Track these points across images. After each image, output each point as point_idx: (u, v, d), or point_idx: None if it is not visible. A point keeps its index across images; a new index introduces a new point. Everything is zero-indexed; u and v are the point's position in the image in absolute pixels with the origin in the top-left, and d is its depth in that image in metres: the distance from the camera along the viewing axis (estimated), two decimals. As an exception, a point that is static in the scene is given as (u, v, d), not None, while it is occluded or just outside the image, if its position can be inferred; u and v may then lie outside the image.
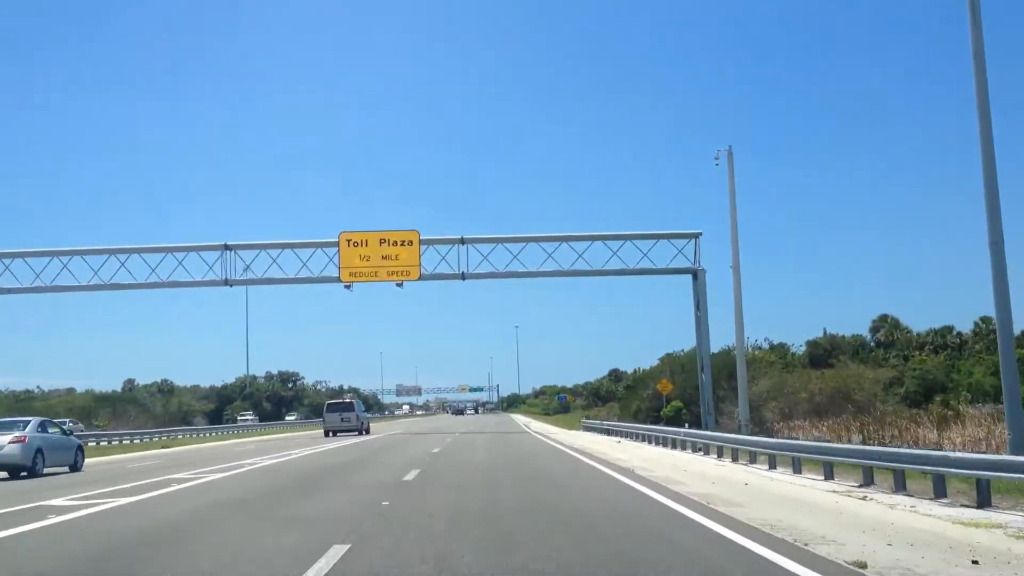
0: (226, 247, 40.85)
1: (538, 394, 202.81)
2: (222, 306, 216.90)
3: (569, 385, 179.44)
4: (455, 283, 43.56)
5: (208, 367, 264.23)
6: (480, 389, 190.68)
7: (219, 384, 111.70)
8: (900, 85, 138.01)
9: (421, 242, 40.60)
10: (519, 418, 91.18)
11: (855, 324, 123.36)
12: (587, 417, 57.42)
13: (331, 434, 46.01)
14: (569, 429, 51.29)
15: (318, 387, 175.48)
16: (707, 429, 32.69)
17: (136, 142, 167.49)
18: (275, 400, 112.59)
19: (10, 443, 21.37)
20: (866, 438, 26.71)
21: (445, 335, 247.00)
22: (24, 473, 21.50)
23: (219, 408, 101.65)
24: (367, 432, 48.06)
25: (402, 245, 40.12)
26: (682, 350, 52.97)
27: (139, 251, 41.13)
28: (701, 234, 40.72)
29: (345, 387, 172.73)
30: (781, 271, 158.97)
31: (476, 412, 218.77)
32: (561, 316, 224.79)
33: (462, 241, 41.21)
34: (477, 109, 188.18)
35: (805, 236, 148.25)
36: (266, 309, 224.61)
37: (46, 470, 22.19)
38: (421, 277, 40.55)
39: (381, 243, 40.07)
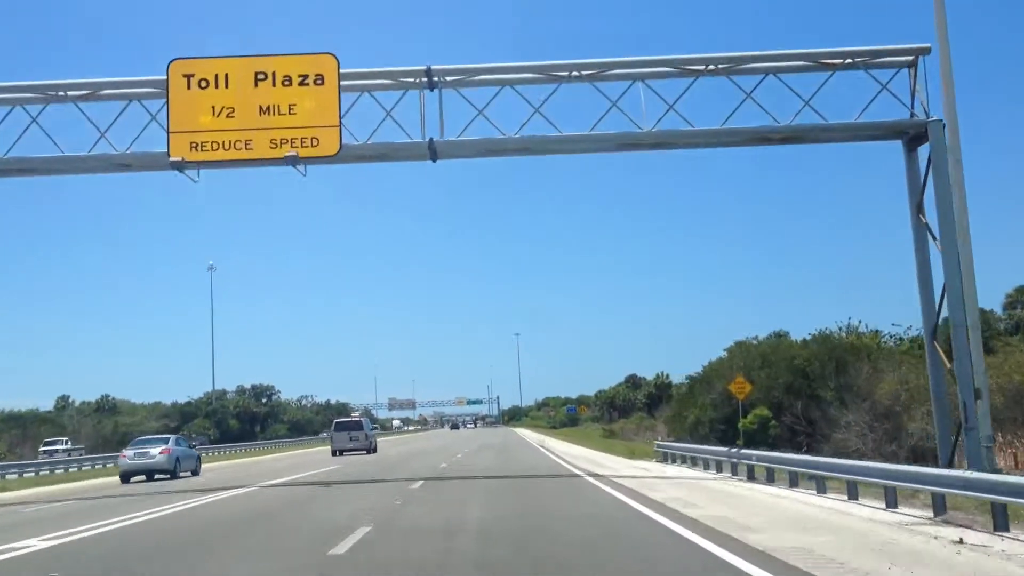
0: None
1: (541, 406, 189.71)
2: (188, 314, 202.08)
3: (573, 396, 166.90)
4: (416, 167, 26.54)
5: (176, 382, 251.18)
6: (479, 401, 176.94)
7: (183, 400, 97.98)
8: None
9: (343, 78, 20.99)
10: (527, 434, 77.26)
11: None
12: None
13: (338, 454, 42.84)
14: (612, 453, 36.05)
15: (303, 402, 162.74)
16: (978, 466, 16.41)
17: None
18: (246, 417, 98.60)
19: (159, 454, 29.43)
20: None
21: (440, 345, 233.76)
22: (167, 476, 29.16)
23: (179, 427, 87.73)
24: (375, 451, 44.54)
25: (302, 85, 20.76)
26: (755, 337, 39.37)
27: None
28: (928, 51, 20.07)
29: (332, 401, 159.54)
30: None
31: (475, 426, 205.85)
32: (566, 319, 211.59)
33: (429, 79, 21.14)
34: None
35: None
36: (240, 314, 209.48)
37: (180, 473, 29.78)
38: (342, 150, 20.83)
39: (258, 81, 20.74)
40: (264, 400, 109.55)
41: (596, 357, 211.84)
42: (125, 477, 29.05)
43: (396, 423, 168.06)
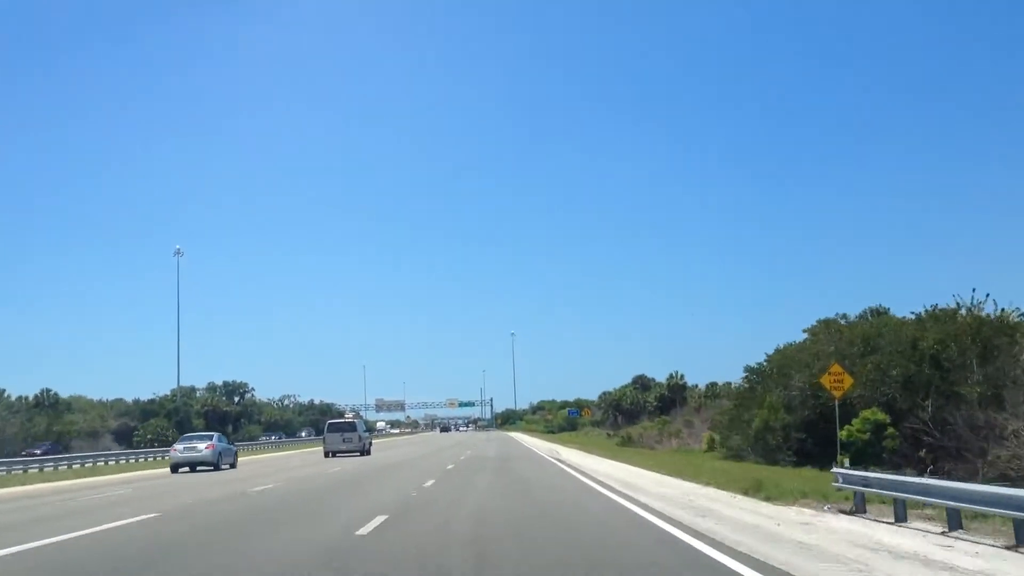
0: None
1: (536, 409, 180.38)
2: (162, 306, 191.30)
3: (570, 399, 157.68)
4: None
5: (145, 378, 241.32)
6: (471, 404, 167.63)
7: (146, 398, 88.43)
8: None
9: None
10: (529, 441, 67.46)
11: None
12: (840, 464, 17.93)
13: (331, 455, 42.76)
14: (671, 474, 23.74)
15: (285, 402, 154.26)
16: None
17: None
18: (215, 417, 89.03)
19: (205, 448, 33.25)
20: None
21: (432, 345, 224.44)
22: (211, 468, 32.64)
23: (135, 428, 78.30)
24: (368, 453, 44.30)
25: None
26: (842, 316, 30.23)
27: None
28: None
29: (316, 401, 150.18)
30: None
31: (467, 429, 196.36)
32: (562, 320, 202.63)
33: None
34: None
35: None
36: (217, 309, 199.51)
37: (221, 466, 33.46)
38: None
39: None
40: (237, 399, 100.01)
41: (593, 360, 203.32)
42: (174, 468, 32.78)
43: (381, 425, 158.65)
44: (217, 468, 32.55)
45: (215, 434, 37.52)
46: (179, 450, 33.64)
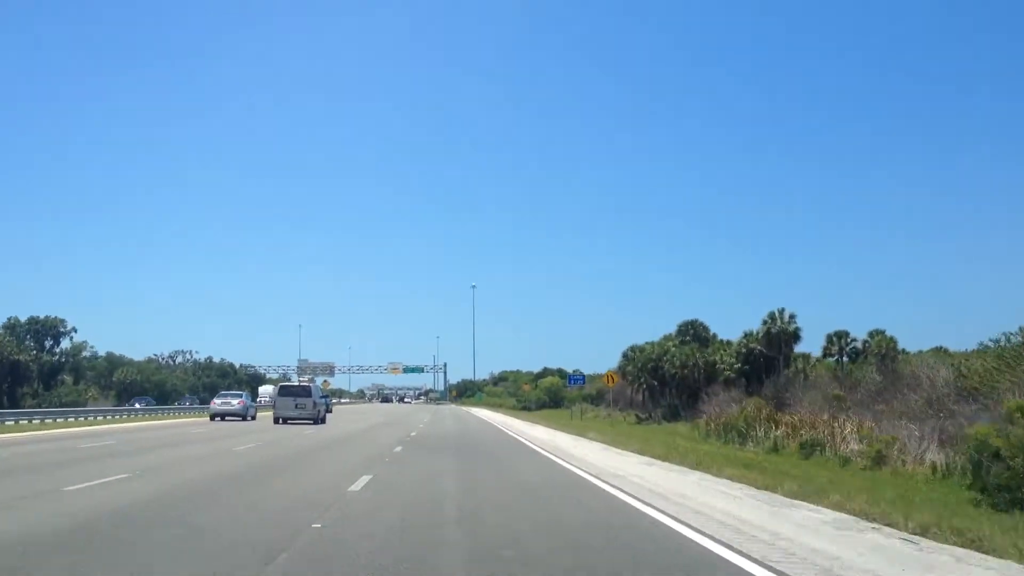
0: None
1: (498, 380, 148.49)
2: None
3: (531, 371, 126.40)
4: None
5: None
6: (419, 370, 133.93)
7: None
8: None
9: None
10: (497, 422, 36.89)
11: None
12: None
13: (281, 422, 39.54)
14: None
15: (178, 360, 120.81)
16: None
17: None
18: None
19: (237, 403, 45.78)
20: None
21: (378, 308, 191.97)
22: (240, 418, 43.58)
23: None
24: (323, 422, 41.30)
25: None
26: None
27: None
28: None
29: (217, 360, 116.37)
30: None
31: (414, 401, 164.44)
32: (531, 279, 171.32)
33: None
34: None
35: None
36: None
37: (248, 418, 44.26)
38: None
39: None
40: (51, 343, 65.50)
41: (564, 330, 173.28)
42: (212, 417, 44.63)
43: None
44: (245, 419, 44.58)
45: (243, 393, 52.86)
46: (217, 403, 46.49)
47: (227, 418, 42.97)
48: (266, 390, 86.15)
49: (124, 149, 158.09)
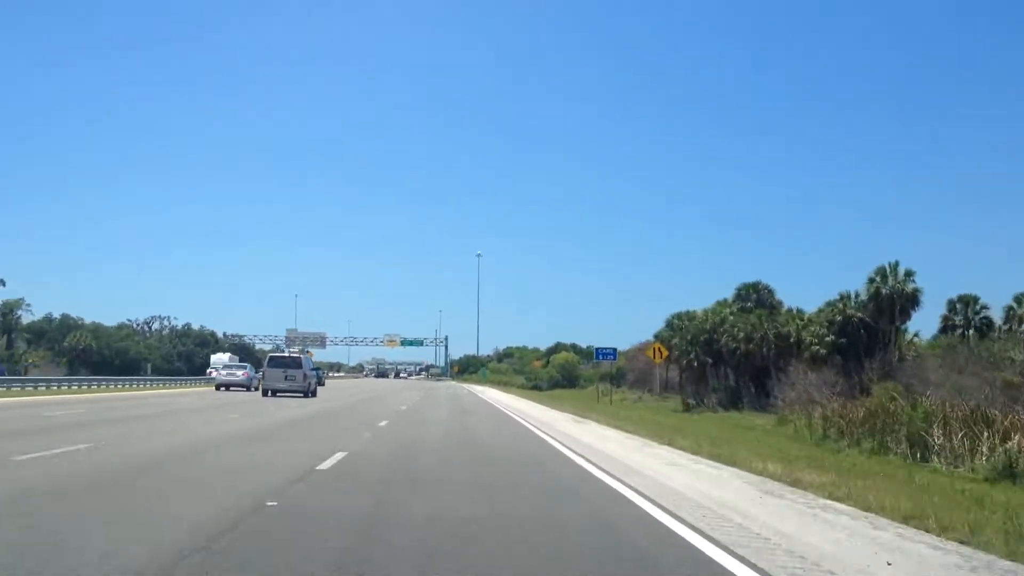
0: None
1: (502, 356, 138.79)
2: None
3: (538, 347, 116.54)
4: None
5: None
6: (418, 343, 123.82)
7: None
8: None
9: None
10: (509, 407, 26.25)
11: None
12: None
13: (270, 394, 38.33)
14: None
15: (152, 326, 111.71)
16: None
17: None
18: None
19: (241, 375, 49.80)
20: None
21: (380, 281, 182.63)
22: (244, 389, 46.24)
23: None
24: (314, 395, 40.46)
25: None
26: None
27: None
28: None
29: (195, 327, 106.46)
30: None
31: (412, 376, 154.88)
32: (535, 254, 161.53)
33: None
34: None
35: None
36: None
37: (252, 389, 45.59)
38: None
39: None
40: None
41: (578, 300, 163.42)
42: (218, 387, 47.80)
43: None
44: (248, 389, 46.62)
45: (247, 365, 57.52)
46: (222, 374, 52.19)
47: (231, 388, 46.73)
48: (219, 359, 74.57)
49: (119, 124, 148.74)
